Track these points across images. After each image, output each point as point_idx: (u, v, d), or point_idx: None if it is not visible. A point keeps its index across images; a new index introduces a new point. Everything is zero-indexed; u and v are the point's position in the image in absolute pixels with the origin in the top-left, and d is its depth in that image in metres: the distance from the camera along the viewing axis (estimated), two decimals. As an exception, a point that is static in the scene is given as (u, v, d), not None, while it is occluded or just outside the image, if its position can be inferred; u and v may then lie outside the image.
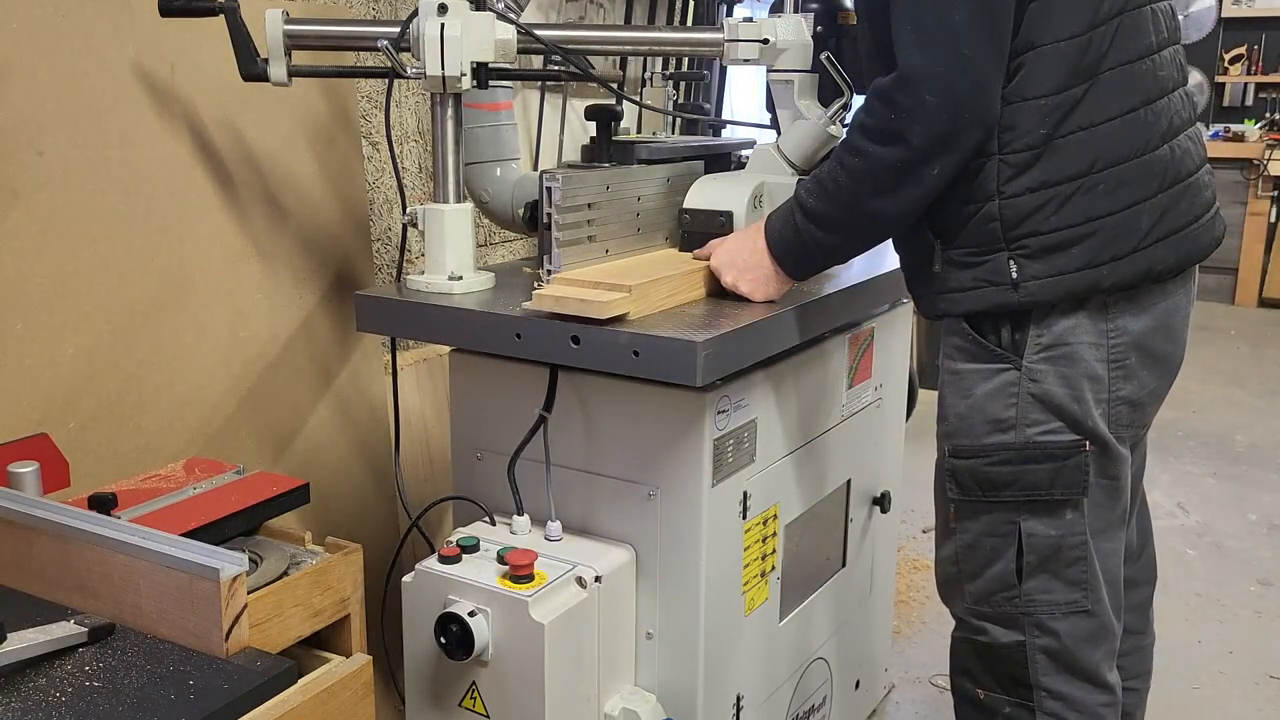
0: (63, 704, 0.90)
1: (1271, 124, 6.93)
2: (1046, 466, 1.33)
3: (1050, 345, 1.32)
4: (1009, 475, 1.34)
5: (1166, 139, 1.32)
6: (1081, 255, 1.28)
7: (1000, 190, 1.29)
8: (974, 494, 1.38)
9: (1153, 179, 1.30)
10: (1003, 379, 1.34)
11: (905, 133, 1.24)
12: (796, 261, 1.44)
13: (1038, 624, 1.38)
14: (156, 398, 1.56)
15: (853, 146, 1.31)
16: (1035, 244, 1.29)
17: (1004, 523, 1.37)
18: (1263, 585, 3.01)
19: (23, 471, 1.18)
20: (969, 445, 1.37)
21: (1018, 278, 1.30)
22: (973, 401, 1.36)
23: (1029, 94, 1.27)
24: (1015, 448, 1.34)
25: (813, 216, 1.37)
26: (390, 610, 1.66)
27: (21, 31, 1.38)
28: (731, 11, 2.70)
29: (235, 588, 0.97)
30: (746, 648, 1.59)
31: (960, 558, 1.43)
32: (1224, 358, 5.55)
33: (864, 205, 1.32)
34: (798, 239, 1.40)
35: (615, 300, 1.34)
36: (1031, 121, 1.27)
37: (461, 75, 1.44)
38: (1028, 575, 1.37)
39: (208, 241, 1.64)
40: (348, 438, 1.90)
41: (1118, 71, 1.28)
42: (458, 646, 1.35)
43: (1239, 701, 2.43)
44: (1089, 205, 1.28)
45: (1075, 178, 1.28)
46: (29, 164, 1.39)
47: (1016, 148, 1.28)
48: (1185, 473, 3.88)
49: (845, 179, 1.32)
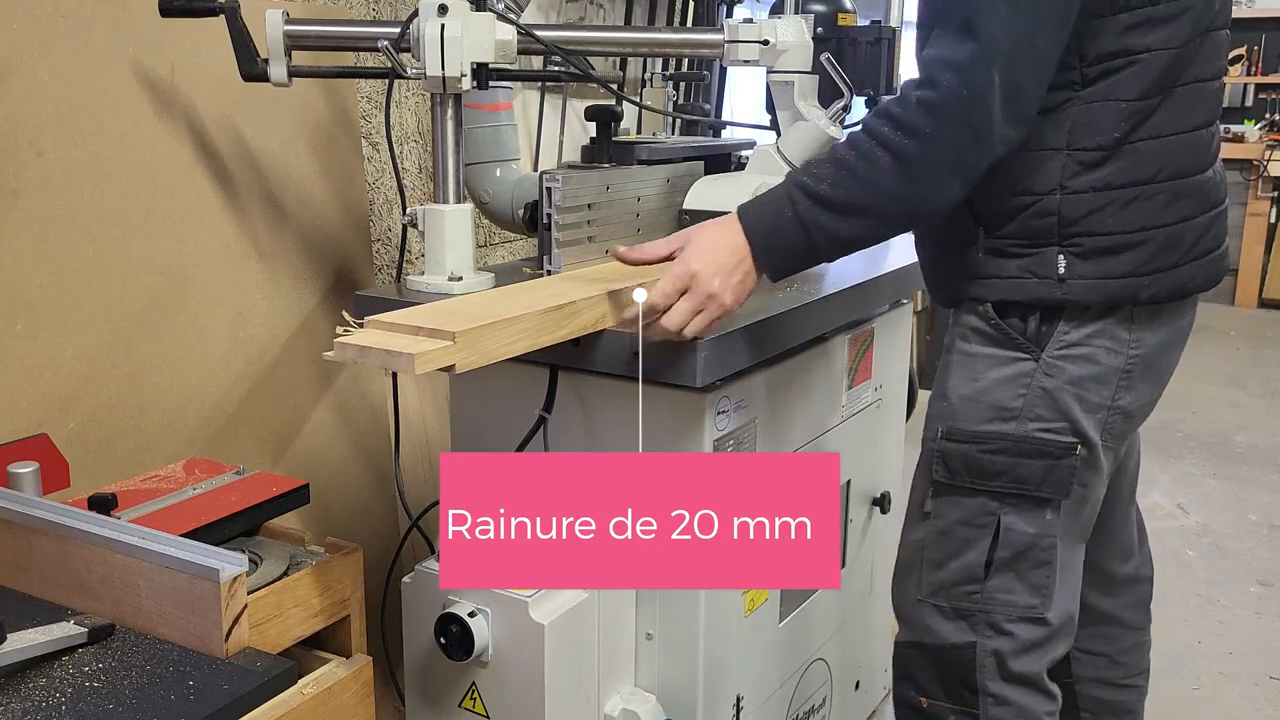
0: (63, 704, 0.90)
1: (1271, 124, 6.93)
2: (1040, 463, 1.31)
3: (1074, 344, 1.30)
4: (1001, 465, 1.32)
5: (1213, 162, 1.32)
6: (1130, 261, 1.27)
7: (1064, 185, 1.26)
8: (961, 479, 1.35)
9: (1202, 198, 1.30)
10: (1018, 368, 1.32)
11: (979, 111, 1.16)
12: (787, 258, 1.30)
13: (992, 624, 1.36)
14: (156, 398, 1.56)
15: (904, 125, 1.19)
16: (1089, 243, 1.27)
17: (984, 513, 1.35)
18: (1263, 586, 3.01)
19: (23, 472, 1.18)
20: (966, 429, 1.34)
21: (1065, 274, 1.27)
22: (981, 385, 1.34)
23: (1114, 95, 1.24)
24: (1014, 439, 1.32)
25: (830, 205, 1.24)
26: (390, 610, 1.66)
27: (21, 31, 1.38)
28: (731, 12, 2.70)
29: (235, 588, 0.97)
30: (746, 648, 1.59)
31: (929, 543, 1.39)
32: (1224, 358, 5.55)
33: (912, 191, 1.22)
34: (800, 232, 1.25)
35: (432, 352, 1.12)
36: (1110, 122, 1.24)
37: (461, 76, 1.44)
38: (994, 571, 1.35)
39: (208, 241, 1.64)
40: (348, 438, 1.90)
41: (1192, 88, 1.27)
42: (457, 647, 1.35)
43: (1239, 702, 2.43)
44: (1146, 213, 1.27)
45: (1139, 184, 1.26)
46: (29, 164, 1.39)
47: (1088, 145, 1.25)
48: (1185, 473, 3.88)
49: (889, 162, 1.20)
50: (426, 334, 1.16)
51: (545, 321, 1.28)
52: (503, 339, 1.23)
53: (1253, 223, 6.80)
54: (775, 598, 1.65)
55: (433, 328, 1.16)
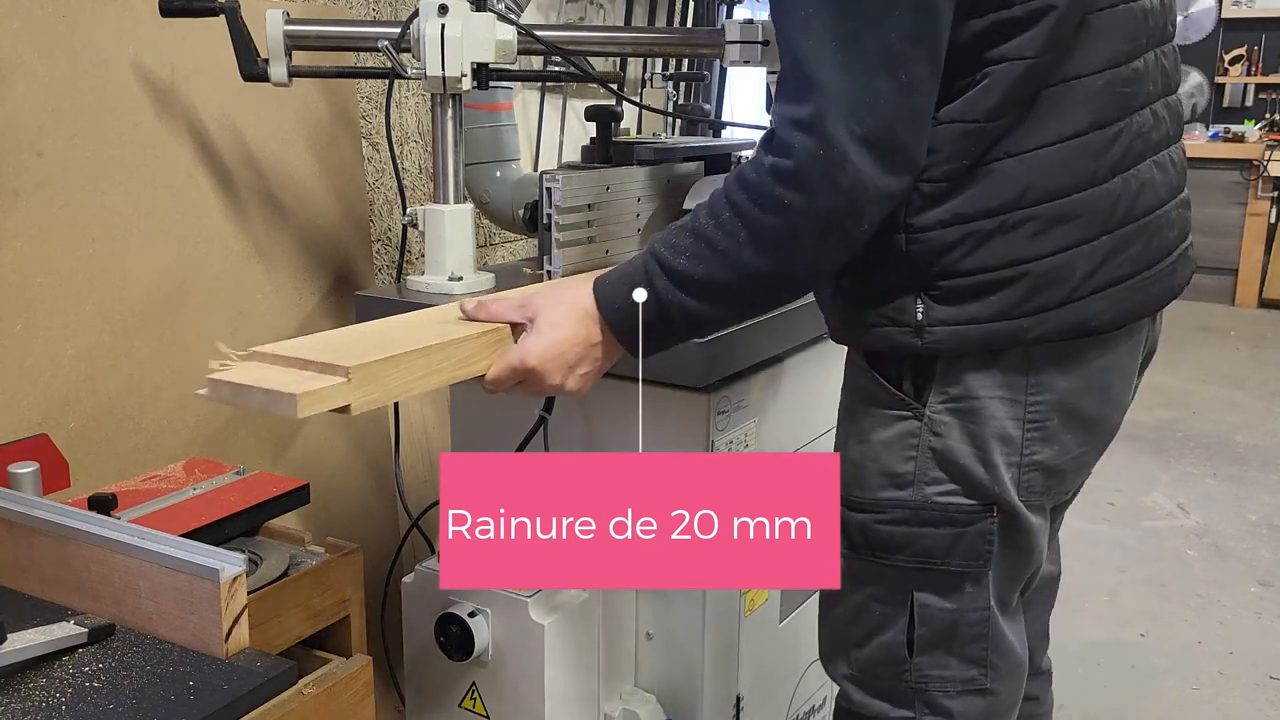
0: (62, 704, 0.90)
1: (1271, 124, 6.93)
2: (945, 532, 1.13)
3: (958, 398, 1.11)
4: (902, 537, 1.15)
5: (1120, 169, 1.08)
6: (1000, 303, 1.07)
7: (908, 223, 1.07)
8: (864, 553, 1.17)
9: (1095, 218, 1.08)
10: (902, 427, 1.14)
11: (836, 179, 0.98)
12: (648, 339, 1.10)
13: (928, 702, 1.20)
14: (157, 398, 1.56)
15: (763, 196, 1.01)
16: (948, 286, 1.08)
17: (895, 590, 1.18)
18: (1263, 586, 3.01)
19: (23, 472, 1.18)
20: (861, 497, 1.17)
21: (923, 320, 1.09)
22: (868, 448, 1.17)
23: (957, 116, 1.04)
24: (911, 506, 1.14)
25: (689, 285, 1.07)
26: (390, 610, 1.66)
27: (21, 31, 1.38)
28: (731, 13, 2.70)
29: (235, 588, 0.97)
30: (746, 648, 1.59)
31: (848, 618, 1.23)
32: (1224, 358, 5.56)
33: (779, 267, 1.05)
34: (656, 311, 1.08)
35: (320, 391, 0.97)
36: (953, 146, 1.04)
37: (462, 76, 1.44)
38: (919, 650, 1.18)
39: (208, 241, 1.64)
40: (348, 438, 1.90)
41: (1063, 88, 1.05)
42: (457, 647, 1.35)
43: (1239, 702, 2.43)
44: (1012, 246, 1.06)
45: (997, 213, 1.06)
46: (29, 164, 1.39)
47: (931, 175, 1.05)
48: (1185, 473, 3.88)
49: (747, 237, 1.03)
50: (316, 369, 1.00)
51: (465, 350, 1.12)
52: (414, 371, 1.06)
53: (1253, 223, 6.80)
54: (775, 598, 1.65)
55: (323, 362, 1.00)
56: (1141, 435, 4.19)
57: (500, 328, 1.15)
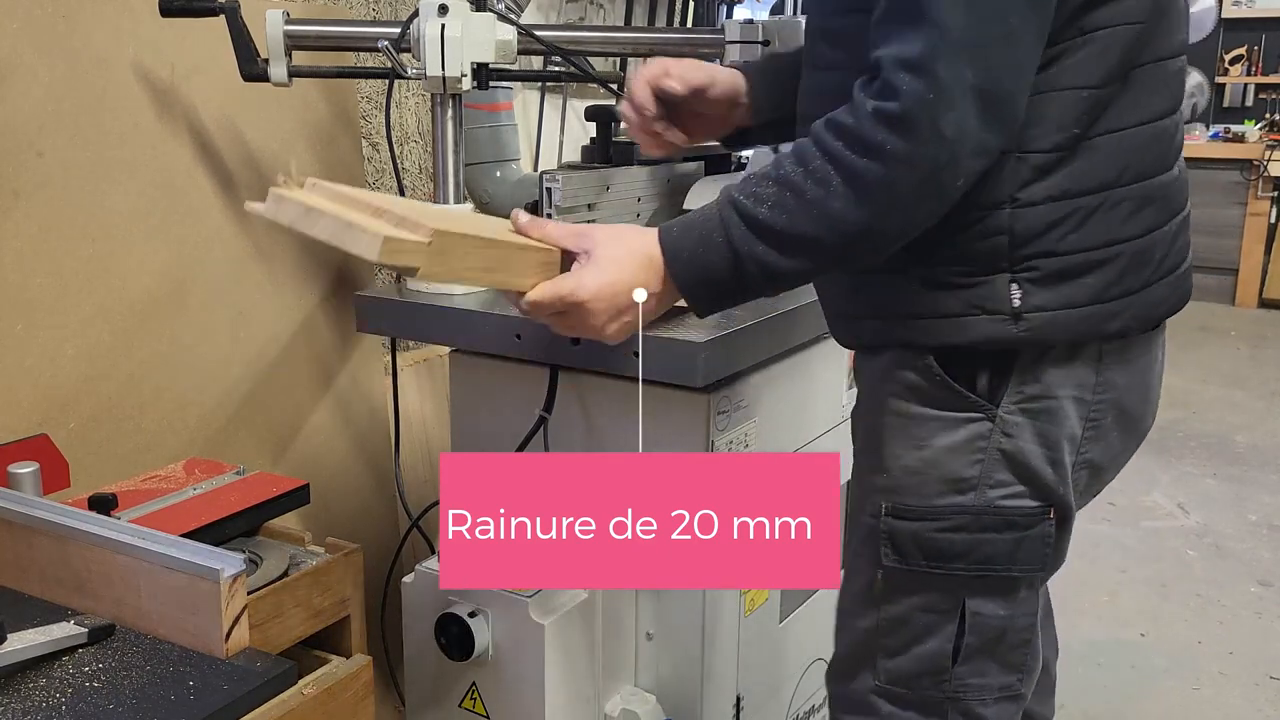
0: (63, 704, 0.90)
1: (1271, 124, 6.93)
2: (1007, 536, 1.09)
3: (1034, 397, 1.07)
4: (962, 545, 1.09)
5: (1177, 158, 1.10)
6: (1094, 285, 1.04)
7: (1014, 196, 1.02)
8: (915, 563, 1.12)
9: (1168, 203, 1.08)
10: (970, 430, 1.08)
11: (941, 125, 0.92)
12: (716, 292, 1.06)
13: (964, 711, 1.15)
14: (157, 398, 1.56)
15: (861, 141, 0.95)
16: (1047, 266, 1.03)
17: (946, 598, 1.13)
18: (1263, 586, 3.01)
19: (23, 472, 1.18)
20: (916, 505, 1.11)
21: (1020, 306, 1.03)
22: (928, 454, 1.10)
23: (1070, 82, 1.00)
24: (973, 512, 1.09)
25: (770, 236, 1.00)
26: (390, 610, 1.66)
27: (21, 31, 1.38)
28: (731, 13, 2.70)
29: (235, 588, 0.97)
30: (747, 648, 1.59)
31: (883, 630, 1.17)
32: (1224, 358, 5.56)
33: (871, 220, 0.97)
34: (731, 262, 1.02)
35: (404, 242, 0.92)
36: (1066, 115, 1.01)
37: (462, 76, 1.44)
38: (964, 658, 1.14)
39: (208, 241, 1.64)
40: (348, 438, 1.90)
41: (1152, 69, 1.03)
42: (457, 647, 1.35)
43: (1239, 702, 2.43)
44: (1110, 226, 1.04)
45: (1101, 189, 1.03)
46: (29, 164, 1.39)
47: (1042, 146, 1.01)
48: (1185, 473, 3.88)
49: (841, 184, 0.96)
50: (393, 220, 0.94)
51: (521, 260, 1.05)
52: (476, 260, 1.01)
53: (1253, 223, 6.80)
54: (775, 598, 1.65)
55: (402, 215, 0.94)
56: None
57: (551, 251, 1.07)
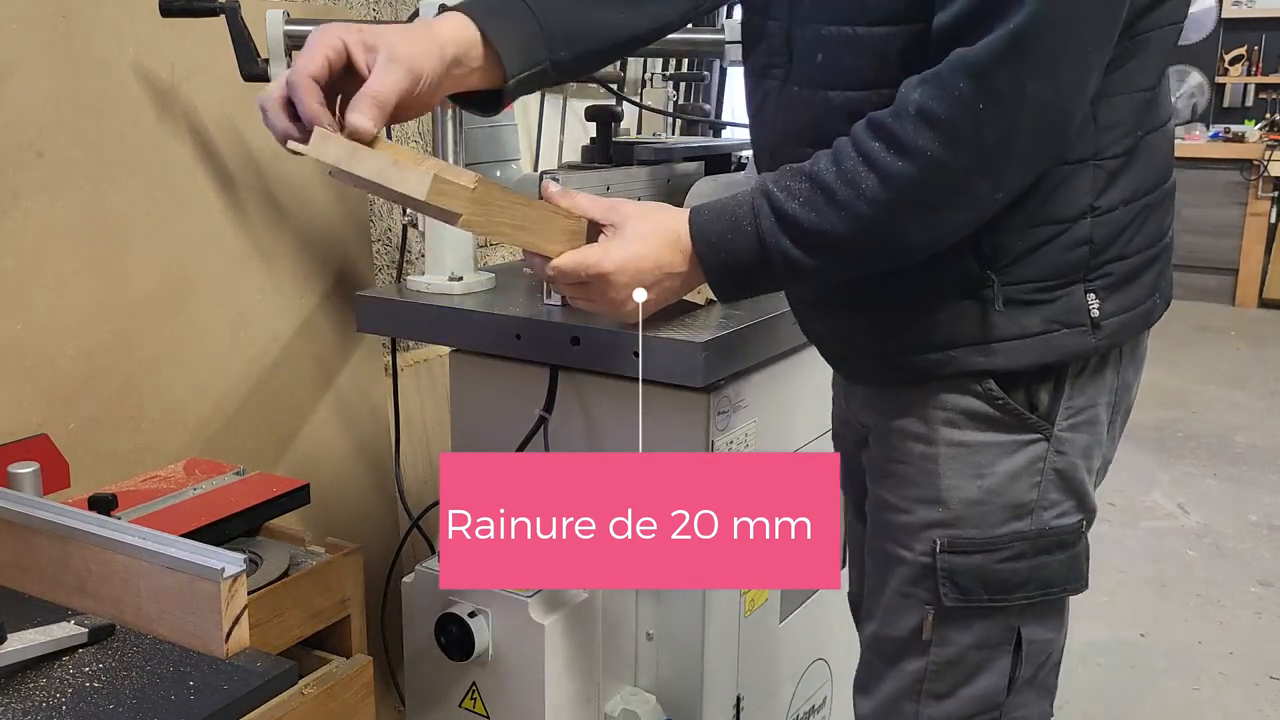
0: (63, 704, 0.90)
1: (1272, 125, 6.93)
2: (1060, 557, 1.06)
3: (1081, 408, 1.05)
4: (1024, 572, 1.06)
5: None
6: (1148, 283, 1.04)
7: (1094, 205, 0.99)
8: (977, 598, 1.07)
9: (1174, 199, 1.10)
10: (1030, 453, 1.04)
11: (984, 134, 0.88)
12: (738, 279, 1.02)
13: None
14: (157, 398, 1.56)
15: (900, 142, 0.90)
16: (1119, 270, 1.01)
17: (1002, 630, 1.08)
18: (1263, 586, 3.01)
19: (23, 472, 1.18)
20: (976, 537, 1.06)
21: (1098, 315, 1.00)
22: (991, 483, 1.05)
23: (1135, 85, 0.98)
24: (1030, 536, 1.05)
25: (797, 231, 0.96)
26: (390, 610, 1.66)
27: (21, 31, 1.38)
28: (731, 13, 2.70)
29: (235, 588, 0.97)
30: (747, 648, 1.59)
31: (932, 674, 1.11)
32: (1224, 358, 5.56)
33: (899, 225, 0.94)
34: (757, 252, 0.98)
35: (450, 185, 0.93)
36: (1134, 117, 0.99)
37: (462, 76, 1.44)
38: (1015, 691, 1.10)
39: (208, 241, 1.64)
40: (348, 438, 1.90)
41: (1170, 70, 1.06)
42: (458, 647, 1.35)
43: (1239, 702, 2.43)
44: (1158, 223, 1.04)
45: (1156, 186, 1.03)
46: (29, 164, 1.39)
47: (1116, 151, 0.99)
48: (1185, 473, 3.88)
49: (874, 185, 0.92)
50: (435, 166, 0.94)
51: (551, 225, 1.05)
52: (511, 216, 1.02)
53: (1253, 223, 6.81)
54: (775, 598, 1.65)
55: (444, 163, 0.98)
56: (1142, 435, 4.19)
57: (579, 220, 1.07)
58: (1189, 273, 6.90)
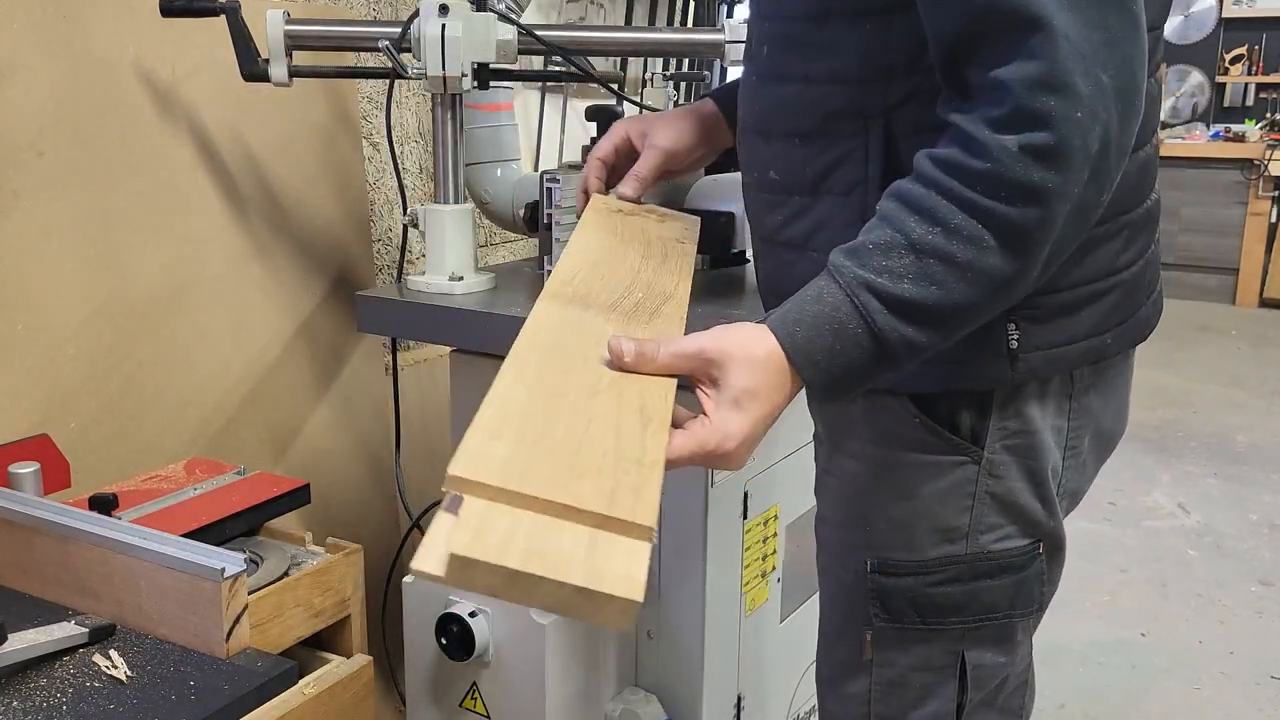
0: (63, 704, 0.90)
1: (1272, 124, 6.93)
2: (1004, 582, 1.02)
3: (1016, 432, 0.99)
4: (959, 596, 1.02)
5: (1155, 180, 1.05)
6: (1092, 318, 0.98)
7: None
8: (909, 620, 1.04)
9: (1152, 224, 1.03)
10: (958, 475, 1.00)
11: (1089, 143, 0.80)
12: (857, 387, 0.90)
13: None
14: (157, 398, 1.56)
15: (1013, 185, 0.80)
16: (1050, 304, 0.95)
17: (944, 654, 1.05)
18: (1264, 585, 3.01)
19: (23, 472, 1.18)
20: (904, 559, 1.03)
21: (1016, 348, 0.95)
22: (916, 504, 1.02)
23: None
24: (965, 560, 1.01)
25: (921, 313, 0.84)
26: (391, 610, 1.66)
27: (22, 31, 1.38)
28: (732, 12, 2.70)
29: (236, 588, 0.97)
30: (747, 648, 1.59)
31: (877, 696, 1.08)
32: (1224, 358, 5.56)
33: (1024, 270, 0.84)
34: (873, 351, 0.86)
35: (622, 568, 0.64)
36: None
37: (462, 76, 1.44)
38: (968, 715, 1.07)
39: (208, 241, 1.64)
40: (349, 438, 1.90)
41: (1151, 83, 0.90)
42: (458, 647, 1.35)
43: (1240, 702, 2.43)
44: (1111, 254, 0.98)
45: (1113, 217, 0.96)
46: (29, 164, 1.39)
47: None
48: (1186, 473, 3.88)
49: (997, 239, 0.82)
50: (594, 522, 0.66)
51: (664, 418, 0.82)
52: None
53: (1253, 223, 6.81)
54: (776, 598, 1.65)
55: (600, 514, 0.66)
56: (1142, 435, 4.19)
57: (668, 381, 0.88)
58: (1189, 272, 6.91)
